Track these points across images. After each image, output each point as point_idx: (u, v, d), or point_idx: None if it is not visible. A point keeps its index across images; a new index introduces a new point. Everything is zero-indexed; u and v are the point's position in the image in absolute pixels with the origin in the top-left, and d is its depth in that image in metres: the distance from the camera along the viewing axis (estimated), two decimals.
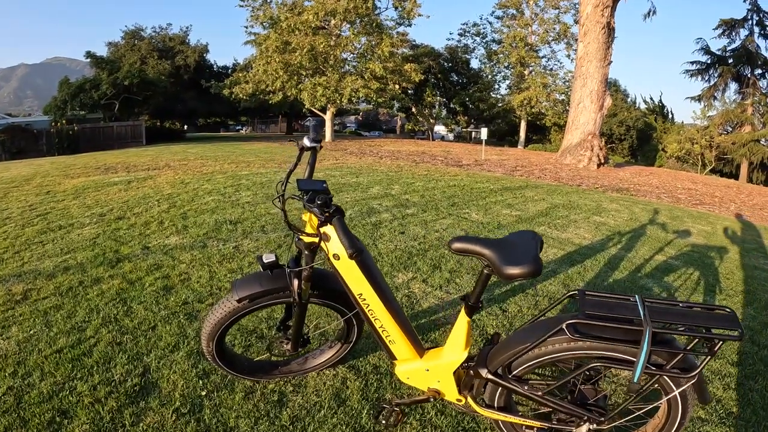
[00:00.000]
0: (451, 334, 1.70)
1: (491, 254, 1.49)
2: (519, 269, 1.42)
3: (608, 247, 4.61)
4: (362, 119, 56.63)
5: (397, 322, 1.70)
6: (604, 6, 13.59)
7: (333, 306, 1.90)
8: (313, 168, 1.80)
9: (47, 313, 2.67)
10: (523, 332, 1.53)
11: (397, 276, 3.41)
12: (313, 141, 1.79)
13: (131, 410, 1.86)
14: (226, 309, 1.76)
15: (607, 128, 27.36)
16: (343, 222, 1.49)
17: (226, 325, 1.79)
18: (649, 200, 8.58)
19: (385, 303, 1.66)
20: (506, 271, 1.44)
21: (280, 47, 18.46)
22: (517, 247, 1.53)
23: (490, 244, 1.53)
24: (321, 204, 1.52)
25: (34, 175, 8.09)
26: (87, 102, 23.43)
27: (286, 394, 1.97)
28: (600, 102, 14.21)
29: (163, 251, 3.78)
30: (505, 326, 2.71)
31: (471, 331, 1.72)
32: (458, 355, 1.66)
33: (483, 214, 5.58)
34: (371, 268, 1.66)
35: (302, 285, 1.71)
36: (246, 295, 1.71)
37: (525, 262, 1.43)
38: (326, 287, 1.83)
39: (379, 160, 11.80)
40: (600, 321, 1.32)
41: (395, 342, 1.72)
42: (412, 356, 1.75)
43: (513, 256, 1.47)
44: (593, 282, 3.57)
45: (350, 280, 1.63)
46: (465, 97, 32.34)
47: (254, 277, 1.77)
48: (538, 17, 30.12)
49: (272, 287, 1.74)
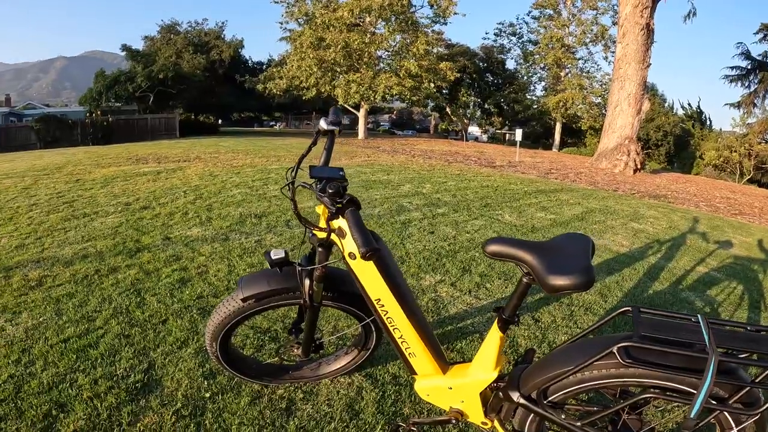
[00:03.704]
0: (481, 350, 1.49)
1: (534, 260, 1.27)
2: (567, 280, 1.19)
3: (647, 255, 4.31)
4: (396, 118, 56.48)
5: (419, 333, 1.50)
6: (643, 6, 13.09)
7: (349, 310, 1.71)
8: (330, 154, 1.57)
9: (59, 301, 2.60)
10: (563, 352, 1.31)
11: (425, 278, 3.22)
12: (332, 124, 1.58)
13: (130, 408, 1.73)
14: (230, 308, 1.60)
15: (644, 133, 26.37)
16: (357, 215, 1.29)
17: (231, 326, 1.63)
18: (687, 208, 8.14)
19: (406, 311, 1.47)
20: (551, 282, 1.20)
21: (314, 43, 18.52)
22: (565, 253, 1.30)
23: (533, 247, 1.31)
24: (332, 193, 1.31)
25: (66, 164, 8.24)
26: (122, 94, 24.10)
27: (295, 402, 1.80)
28: (638, 105, 13.71)
29: (184, 242, 3.70)
30: (537, 338, 2.47)
31: (503, 348, 1.51)
32: (487, 373, 1.45)
33: (516, 216, 5.32)
34: (391, 270, 1.46)
35: (314, 286, 1.53)
36: (252, 294, 1.54)
37: (574, 272, 1.20)
38: (341, 289, 1.64)
39: (411, 159, 11.62)
40: (657, 345, 1.10)
41: (416, 355, 1.52)
42: (434, 372, 1.55)
43: (560, 264, 1.24)
44: (632, 293, 3.29)
45: (367, 283, 1.44)
46: (500, 98, 31.83)
47: (262, 274, 1.59)
48: (575, 18, 29.42)
49: (281, 287, 1.56)
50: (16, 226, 4.04)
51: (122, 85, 23.90)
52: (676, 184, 12.74)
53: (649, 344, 1.10)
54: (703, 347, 1.06)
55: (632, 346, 1.11)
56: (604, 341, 1.20)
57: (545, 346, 2.38)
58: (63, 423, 1.65)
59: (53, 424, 1.65)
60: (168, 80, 24.09)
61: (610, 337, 1.25)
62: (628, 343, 1.12)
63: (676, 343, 1.09)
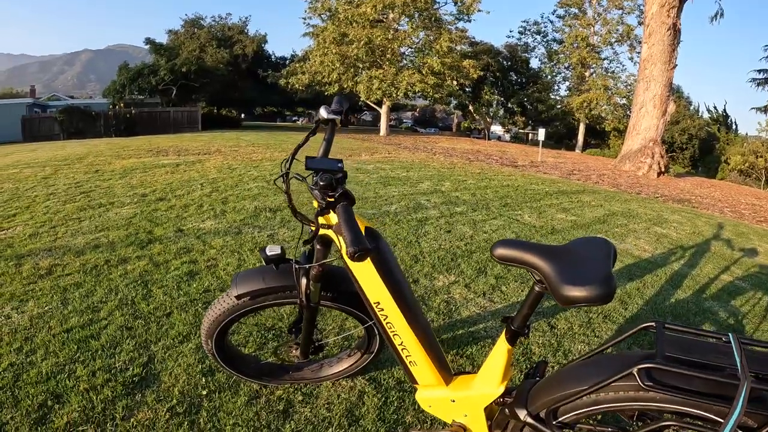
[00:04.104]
0: (487, 362, 1.38)
1: (547, 267, 1.15)
2: (583, 291, 1.06)
3: (670, 261, 4.13)
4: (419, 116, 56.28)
5: (421, 341, 1.39)
6: (670, 6, 12.73)
7: (349, 311, 1.62)
8: (330, 145, 1.46)
9: (66, 290, 2.58)
10: (577, 369, 1.18)
11: (438, 278, 3.12)
12: (333, 113, 1.47)
13: (125, 402, 1.69)
14: (224, 305, 1.53)
15: (669, 136, 25.66)
16: (349, 211, 1.17)
17: (226, 323, 1.56)
18: (711, 213, 7.86)
19: (407, 316, 1.36)
20: (565, 292, 1.08)
21: (337, 39, 18.52)
22: (582, 260, 1.17)
23: (547, 252, 1.18)
24: (324, 185, 1.21)
25: (87, 155, 8.36)
26: (145, 87, 24.43)
27: (293, 404, 1.73)
28: (663, 107, 13.35)
29: (196, 235, 3.67)
30: (552, 346, 2.35)
31: (511, 361, 1.38)
32: (492, 388, 1.35)
33: (536, 217, 5.17)
34: (392, 271, 1.36)
35: (311, 285, 1.44)
36: (246, 292, 1.47)
37: (592, 282, 1.07)
38: (341, 289, 1.54)
39: (432, 156, 11.50)
40: (682, 368, 0.97)
41: (417, 364, 1.42)
42: (437, 382, 1.45)
43: (576, 272, 1.11)
44: (653, 301, 3.13)
45: (365, 284, 1.34)
46: (523, 97, 31.42)
47: (258, 271, 1.51)
48: (601, 17, 28.85)
49: (277, 285, 1.48)
50: (32, 214, 4.07)
51: (145, 78, 24.22)
52: (700, 188, 12.39)
53: (673, 366, 0.97)
54: (735, 372, 0.93)
55: (655, 368, 0.98)
56: (623, 360, 1.08)
57: (560, 355, 2.26)
58: (57, 414, 1.62)
59: (48, 415, 1.62)
60: (191, 74, 24.32)
61: (629, 354, 1.12)
62: (650, 364, 0.98)
63: (705, 366, 0.96)
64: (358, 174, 7.06)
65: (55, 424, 1.57)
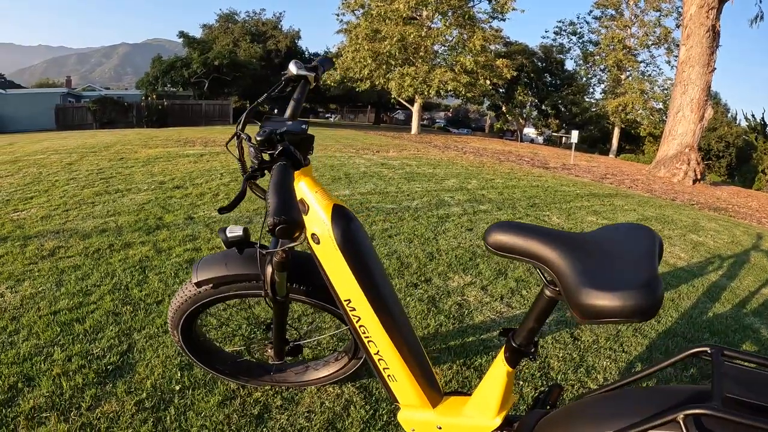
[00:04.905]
0: (481, 386, 1.12)
1: (562, 261, 0.83)
2: (615, 299, 0.73)
3: (707, 272, 3.79)
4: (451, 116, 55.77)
5: (401, 351, 1.15)
6: (709, 7, 12.08)
7: (327, 308, 1.37)
8: (299, 106, 1.22)
9: (64, 272, 2.51)
10: (601, 403, 0.87)
11: (453, 278, 2.90)
12: (305, 69, 1.24)
13: (94, 391, 1.56)
14: (186, 294, 1.35)
15: (705, 143, 24.51)
16: (285, 173, 0.89)
17: (190, 313, 1.38)
18: (749, 223, 7.34)
19: (384, 321, 1.12)
20: (587, 300, 0.76)
21: (369, 35, 18.42)
22: (615, 254, 0.84)
23: (563, 241, 0.86)
24: (261, 140, 0.97)
25: (115, 143, 8.47)
26: (177, 79, 24.80)
27: (270, 409, 1.55)
28: (700, 112, 12.69)
29: (205, 223, 3.58)
30: (574, 360, 2.08)
31: (512, 385, 1.10)
32: (487, 417, 1.10)
33: (565, 219, 4.89)
34: (368, 263, 1.12)
35: (275, 275, 1.21)
36: (206, 279, 1.27)
37: (630, 286, 0.75)
38: (315, 282, 1.29)
39: (461, 155, 11.24)
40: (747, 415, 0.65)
41: (397, 380, 1.17)
42: (420, 403, 1.20)
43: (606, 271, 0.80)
44: (689, 314, 2.82)
45: (332, 275, 1.11)
46: (557, 100, 30.60)
47: (222, 256, 1.31)
48: (638, 19, 27.79)
49: (239, 272, 1.28)
50: (48, 198, 4.07)
51: (178, 71, 24.60)
52: (737, 197, 11.73)
53: (736, 415, 0.66)
54: None
55: (709, 416, 0.68)
56: (664, 397, 0.78)
57: (581, 372, 2.00)
58: (25, 398, 1.52)
59: (15, 398, 1.52)
60: (223, 67, 24.55)
61: (672, 391, 0.81)
62: (703, 410, 0.68)
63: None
64: (383, 169, 6.90)
65: (21, 408, 1.48)
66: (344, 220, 1.10)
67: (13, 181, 4.82)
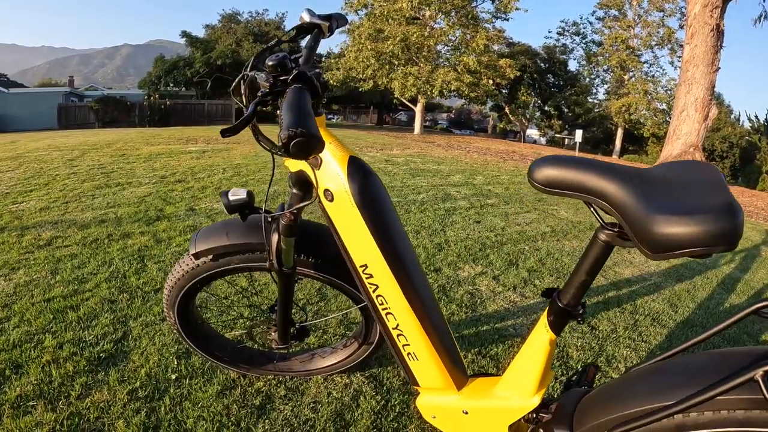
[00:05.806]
0: (516, 360, 0.99)
1: (624, 192, 0.73)
2: (692, 224, 0.64)
3: (720, 264, 3.70)
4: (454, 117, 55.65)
5: (424, 325, 1.01)
6: (713, 6, 11.99)
7: (338, 285, 1.24)
8: (312, 53, 1.08)
9: (60, 261, 2.43)
10: (654, 375, 0.78)
11: (463, 268, 2.80)
12: (319, 18, 1.12)
13: (84, 380, 1.47)
14: (183, 268, 1.23)
15: (709, 143, 24.35)
16: (301, 94, 0.79)
17: (187, 290, 1.26)
18: (756, 221, 7.28)
19: (406, 289, 0.99)
20: (661, 229, 0.66)
21: (372, 35, 18.32)
22: (682, 183, 0.74)
23: (621, 173, 0.76)
24: (273, 65, 0.89)
25: (117, 141, 8.38)
26: (180, 79, 24.70)
27: (273, 400, 1.44)
28: (705, 111, 12.59)
29: (207, 214, 3.50)
30: (593, 350, 1.97)
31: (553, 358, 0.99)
32: (523, 398, 0.96)
33: (573, 213, 4.78)
34: (388, 223, 0.99)
35: (281, 242, 1.09)
36: (205, 249, 1.15)
37: (707, 209, 0.66)
38: (327, 253, 1.17)
39: (465, 154, 11.16)
40: None
41: (418, 359, 1.04)
42: (444, 385, 1.06)
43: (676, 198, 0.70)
44: (706, 305, 2.73)
45: (347, 237, 0.98)
46: (560, 100, 30.48)
47: (222, 225, 1.19)
48: (641, 19, 27.63)
49: (242, 242, 1.15)
50: (48, 191, 3.99)
51: (181, 71, 24.51)
52: (742, 197, 11.70)
53: None
54: None
55: None
56: (733, 359, 0.69)
57: (601, 361, 1.88)
58: (12, 386, 1.43)
59: (1, 386, 1.43)
60: (226, 67, 24.44)
61: (737, 353, 0.72)
62: None
63: None
64: (387, 165, 6.81)
65: (7, 396, 1.38)
66: (362, 173, 0.98)
67: (13, 175, 4.75)
